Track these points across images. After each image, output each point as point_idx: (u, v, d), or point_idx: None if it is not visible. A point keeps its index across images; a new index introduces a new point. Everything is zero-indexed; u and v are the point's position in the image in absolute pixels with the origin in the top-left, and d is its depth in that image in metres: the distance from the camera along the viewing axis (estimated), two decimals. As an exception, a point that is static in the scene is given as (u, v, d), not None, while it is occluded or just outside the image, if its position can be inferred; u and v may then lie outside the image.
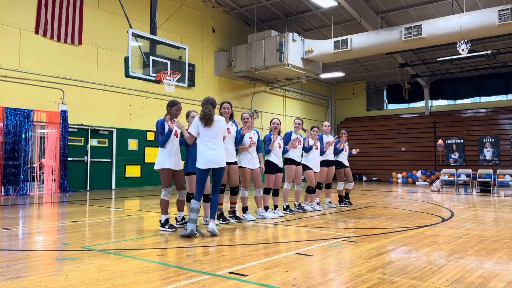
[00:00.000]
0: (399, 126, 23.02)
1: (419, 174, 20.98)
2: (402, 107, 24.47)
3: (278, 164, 7.32)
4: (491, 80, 21.37)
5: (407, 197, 12.61)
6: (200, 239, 5.35)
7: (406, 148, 22.44)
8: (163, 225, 5.81)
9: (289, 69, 16.81)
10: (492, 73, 21.18)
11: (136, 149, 15.15)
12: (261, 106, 20.68)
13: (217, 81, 18.34)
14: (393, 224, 6.81)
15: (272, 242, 5.26)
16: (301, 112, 23.25)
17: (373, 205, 9.73)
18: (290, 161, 7.74)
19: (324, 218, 7.55)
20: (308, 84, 22.86)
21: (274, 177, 7.29)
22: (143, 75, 10.43)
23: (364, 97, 25.59)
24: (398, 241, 5.36)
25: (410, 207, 9.58)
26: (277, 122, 7.39)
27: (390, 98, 24.76)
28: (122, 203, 10.05)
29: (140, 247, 4.84)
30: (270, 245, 5.05)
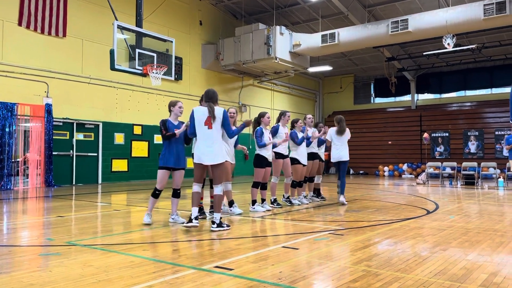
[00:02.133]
0: (385, 119, 23.18)
1: (405, 167, 21.19)
2: (389, 100, 24.64)
3: (267, 158, 7.32)
4: (476, 74, 21.62)
5: (393, 190, 12.74)
6: (187, 233, 5.33)
7: (393, 141, 22.63)
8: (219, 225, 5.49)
9: (277, 63, 16.78)
10: (477, 67, 21.43)
11: (123, 143, 15.01)
12: (249, 99, 20.64)
13: (205, 74, 18.23)
14: (379, 216, 6.87)
15: (259, 236, 5.27)
16: (289, 106, 23.25)
17: (359, 198, 9.80)
18: (277, 155, 7.73)
19: (311, 211, 7.58)
20: (296, 77, 22.85)
21: (263, 171, 7.28)
22: (129, 68, 10.31)
23: (352, 91, 25.70)
24: (384, 233, 5.40)
25: (396, 199, 9.67)
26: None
27: (377, 92, 24.90)
28: (109, 198, 9.96)
29: (126, 242, 4.80)
30: (257, 239, 5.05)
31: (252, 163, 7.47)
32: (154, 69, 10.66)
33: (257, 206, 7.32)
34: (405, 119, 22.64)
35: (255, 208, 7.27)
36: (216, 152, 5.42)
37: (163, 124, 5.77)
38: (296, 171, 8.15)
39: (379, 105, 24.97)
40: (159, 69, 10.72)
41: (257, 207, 7.29)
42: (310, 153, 8.57)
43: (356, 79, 25.64)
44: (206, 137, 5.38)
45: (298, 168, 8.12)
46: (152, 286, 3.22)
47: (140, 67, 10.50)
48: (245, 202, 8.69)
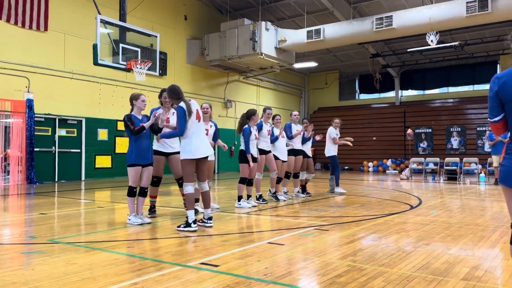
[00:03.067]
0: (370, 115, 23.39)
1: (389, 162, 21.44)
2: (374, 97, 24.85)
3: (253, 154, 7.33)
4: (458, 71, 21.95)
5: (378, 186, 12.88)
6: (173, 231, 5.31)
7: (377, 137, 22.86)
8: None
9: (262, 58, 16.76)
10: (459, 64, 21.76)
11: (106, 139, 14.85)
12: (235, 95, 20.59)
13: (190, 70, 18.12)
14: (363, 212, 6.94)
15: (245, 232, 5.27)
16: (275, 102, 23.28)
17: (346, 194, 9.88)
18: (259, 151, 7.76)
19: (296, 207, 7.62)
20: (282, 73, 22.88)
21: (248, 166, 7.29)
22: (113, 63, 10.18)
23: (337, 87, 25.84)
24: (368, 228, 5.47)
25: (380, 195, 9.79)
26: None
27: (362, 88, 25.09)
28: (92, 195, 9.85)
29: (111, 239, 4.76)
30: (243, 235, 5.06)
31: (238, 159, 7.47)
32: (138, 64, 10.54)
33: (243, 202, 7.32)
34: (389, 115, 22.88)
35: (241, 204, 7.28)
36: (209, 145, 5.45)
37: (129, 119, 5.54)
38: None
39: (364, 101, 25.17)
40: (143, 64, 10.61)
41: (243, 203, 7.30)
42: (292, 150, 8.61)
43: (341, 75, 25.79)
44: (200, 131, 5.36)
45: (277, 164, 8.19)
46: (137, 284, 3.20)
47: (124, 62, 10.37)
48: (231, 198, 8.69)
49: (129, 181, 5.60)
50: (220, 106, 19.79)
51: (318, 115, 24.39)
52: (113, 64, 10.16)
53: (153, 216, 6.17)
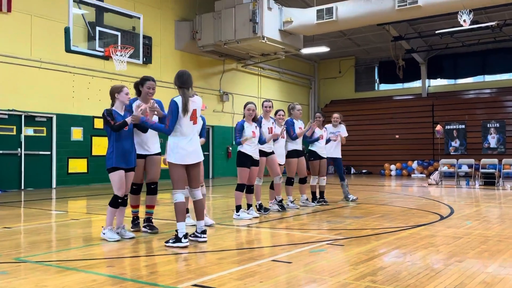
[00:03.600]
0: (392, 109, 23.40)
1: (415, 165, 21.45)
2: (396, 87, 24.86)
3: (252, 156, 7.32)
4: (496, 56, 21.92)
5: (401, 192, 12.87)
6: (160, 247, 5.32)
7: (400, 135, 22.86)
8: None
9: (264, 43, 16.78)
10: (497, 48, 21.72)
11: (81, 139, 14.88)
12: (232, 86, 20.62)
13: (179, 57, 18.14)
14: (384, 223, 6.94)
15: (244, 248, 5.28)
16: (280, 94, 23.31)
17: (362, 202, 9.89)
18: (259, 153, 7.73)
19: (305, 218, 7.61)
20: (288, 60, 22.90)
21: (248, 171, 7.28)
22: (88, 49, 10.23)
23: (352, 76, 25.85)
24: (391, 243, 5.46)
25: (404, 203, 9.78)
26: (253, 108, 7.35)
27: (382, 77, 25.10)
28: (65, 205, 9.86)
29: (87, 257, 4.77)
30: (242, 252, 5.06)
31: (235, 162, 7.48)
32: (118, 50, 10.58)
33: (242, 212, 7.33)
34: (414, 109, 22.88)
35: (240, 215, 7.29)
36: (200, 149, 5.51)
37: (110, 114, 5.50)
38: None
39: (385, 92, 25.17)
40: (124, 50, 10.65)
41: (242, 214, 7.30)
42: (293, 150, 8.58)
43: (357, 62, 25.78)
44: (193, 133, 5.41)
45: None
46: (118, 310, 3.20)
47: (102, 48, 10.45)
48: (228, 209, 8.70)
49: (114, 189, 5.55)
50: (215, 100, 19.82)
51: (330, 109, 24.38)
52: (89, 51, 10.20)
53: (137, 230, 6.17)
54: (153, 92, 6.02)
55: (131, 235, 5.71)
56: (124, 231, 5.70)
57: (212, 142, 19.50)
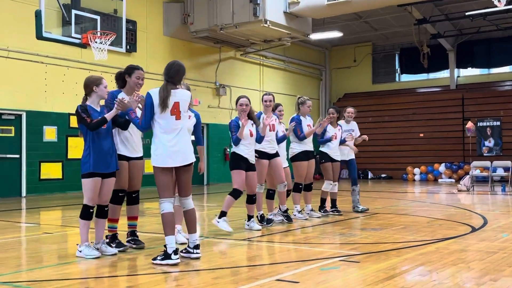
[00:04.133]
0: (415, 104, 23.35)
1: (443, 168, 21.41)
2: (420, 78, 24.82)
3: (248, 159, 7.31)
4: (536, 41, 21.86)
5: (427, 200, 12.85)
6: (147, 264, 5.32)
7: (425, 134, 22.83)
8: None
9: (267, 28, 16.77)
10: (538, 32, 21.68)
11: (55, 140, 14.88)
12: (230, 78, 20.61)
13: (168, 44, 18.15)
14: (407, 236, 6.93)
15: (244, 266, 5.28)
16: (285, 86, 23.30)
17: (381, 211, 9.88)
18: (258, 154, 7.70)
19: (314, 230, 7.61)
20: (294, 48, 22.87)
21: (242, 174, 7.28)
22: (63, 36, 10.24)
23: (369, 66, 25.81)
24: (414, 259, 5.46)
25: (430, 213, 9.77)
26: (246, 103, 7.34)
27: (403, 66, 25.05)
28: (37, 216, 9.85)
29: (62, 277, 4.78)
30: (241, 270, 5.06)
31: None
32: (98, 37, 10.59)
33: (223, 221, 7.28)
34: (441, 104, 22.85)
35: (219, 223, 7.25)
36: (190, 149, 5.50)
37: (85, 110, 5.49)
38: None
39: (407, 84, 25.13)
40: (104, 37, 10.66)
41: (222, 223, 7.27)
42: (302, 152, 8.55)
43: (375, 49, 25.75)
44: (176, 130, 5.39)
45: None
46: (98, 338, 3.20)
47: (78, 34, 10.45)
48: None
49: (84, 198, 5.54)
50: (210, 94, 19.83)
51: (344, 104, 24.29)
52: (64, 37, 10.21)
53: (123, 249, 5.94)
54: (142, 83, 6.04)
55: (113, 251, 5.70)
56: (105, 247, 5.69)
57: (207, 142, 19.48)
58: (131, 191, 6.10)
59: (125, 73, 6.05)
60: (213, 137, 19.77)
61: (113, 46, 10.85)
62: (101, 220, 5.69)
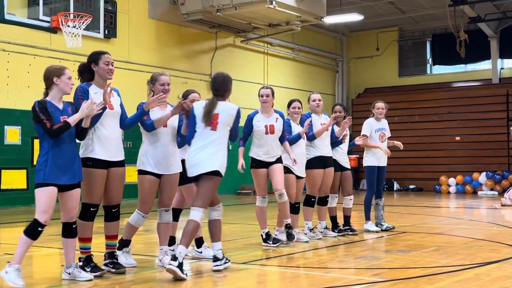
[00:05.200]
0: (450, 101, 23.30)
1: (483, 178, 21.36)
2: (456, 70, 24.79)
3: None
4: None
5: (464, 216, 12.81)
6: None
7: (462, 137, 22.77)
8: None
9: (273, 9, 16.79)
10: None
11: (19, 142, 14.88)
12: (229, 69, 20.55)
13: (155, 28, 18.14)
14: (440, 260, 6.92)
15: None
16: (294, 79, 23.29)
17: (409, 230, 9.86)
18: (255, 163, 7.73)
19: (329, 252, 7.60)
20: (305, 33, 22.87)
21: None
22: (29, 19, 10.27)
23: (396, 55, 25.78)
24: (449, 287, 5.45)
25: (468, 232, 9.75)
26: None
27: (436, 56, 24.99)
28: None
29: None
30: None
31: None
32: (71, 20, 10.62)
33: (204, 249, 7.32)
34: (482, 101, 22.81)
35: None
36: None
37: (44, 109, 5.38)
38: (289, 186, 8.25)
39: (440, 77, 25.09)
40: (78, 20, 10.68)
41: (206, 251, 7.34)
42: (316, 158, 8.54)
43: (402, 35, 25.73)
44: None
45: (289, 180, 8.18)
46: None
47: (47, 17, 10.48)
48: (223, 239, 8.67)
49: (36, 212, 5.36)
50: (204, 87, 19.79)
51: (364, 100, 24.33)
52: (30, 20, 10.23)
53: (99, 274, 5.82)
54: (112, 68, 5.95)
55: (87, 276, 5.66)
56: (78, 271, 5.64)
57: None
58: (110, 205, 6.08)
59: (90, 62, 5.95)
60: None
61: (89, 30, 10.87)
62: (70, 240, 5.58)
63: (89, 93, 5.75)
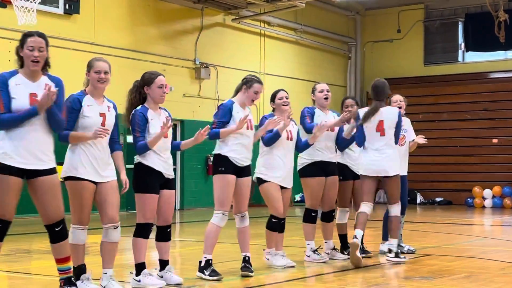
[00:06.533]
0: (487, 96, 23.33)
1: (526, 190, 21.43)
2: (494, 58, 24.78)
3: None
4: None
5: (502, 236, 12.83)
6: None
7: (501, 139, 22.79)
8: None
9: (271, -19, 16.82)
10: None
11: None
12: (216, 54, 20.58)
13: (126, 4, 18.10)
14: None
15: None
16: (297, 67, 23.29)
17: (434, 253, 9.87)
18: (224, 166, 7.62)
19: (338, 278, 7.61)
20: (311, 11, 22.90)
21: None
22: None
23: (421, 39, 25.78)
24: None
25: (506, 254, 9.77)
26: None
27: (470, 40, 24.98)
28: None
29: None
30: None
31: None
32: (23, -8, 10.60)
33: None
34: (525, 95, 22.86)
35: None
36: None
37: None
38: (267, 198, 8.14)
39: (474, 66, 25.08)
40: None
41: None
42: (314, 164, 8.53)
43: (428, 14, 25.74)
44: None
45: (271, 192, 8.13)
46: None
47: (-5, -13, 10.41)
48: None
49: None
50: (187, 76, 19.81)
51: (382, 94, 24.32)
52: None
53: None
54: (40, 56, 5.85)
55: None
56: None
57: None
58: (52, 224, 5.90)
59: (19, 45, 5.89)
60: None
61: (46, 5, 10.83)
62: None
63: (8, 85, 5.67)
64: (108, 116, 6.19)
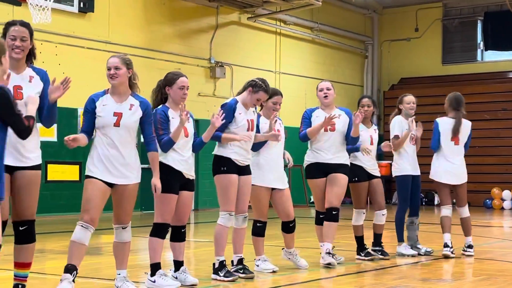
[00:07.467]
0: (507, 95, 23.22)
1: (548, 191, 21.33)
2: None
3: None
4: None
5: (522, 238, 12.78)
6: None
7: (521, 139, 22.72)
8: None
9: (287, -21, 16.81)
10: None
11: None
12: (232, 53, 20.58)
13: (141, 2, 18.14)
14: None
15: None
16: (313, 66, 23.26)
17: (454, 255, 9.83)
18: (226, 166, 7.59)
19: (353, 280, 7.60)
20: (327, 10, 22.86)
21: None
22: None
23: (439, 38, 25.70)
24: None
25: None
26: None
27: (490, 39, 24.87)
28: None
29: None
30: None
31: None
32: (38, -10, 10.65)
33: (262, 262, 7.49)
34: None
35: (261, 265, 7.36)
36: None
37: None
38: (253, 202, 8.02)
39: (494, 66, 24.98)
40: (47, -10, 10.71)
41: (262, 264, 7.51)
42: (316, 165, 8.47)
43: (447, 13, 25.65)
44: None
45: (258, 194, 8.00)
46: None
47: (9, -14, 10.47)
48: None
49: None
50: (202, 75, 19.82)
51: (399, 93, 24.01)
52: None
53: None
54: (22, 46, 5.73)
55: None
56: None
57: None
58: (19, 221, 5.74)
59: (1, 35, 5.65)
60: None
61: (60, 3, 10.89)
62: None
63: None
64: (126, 115, 6.14)
